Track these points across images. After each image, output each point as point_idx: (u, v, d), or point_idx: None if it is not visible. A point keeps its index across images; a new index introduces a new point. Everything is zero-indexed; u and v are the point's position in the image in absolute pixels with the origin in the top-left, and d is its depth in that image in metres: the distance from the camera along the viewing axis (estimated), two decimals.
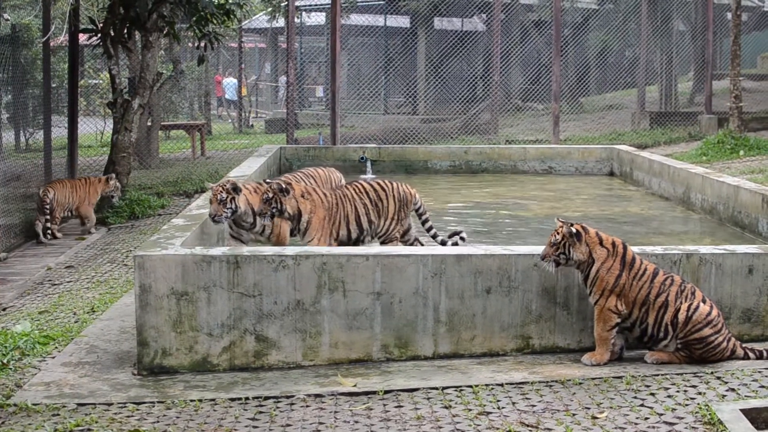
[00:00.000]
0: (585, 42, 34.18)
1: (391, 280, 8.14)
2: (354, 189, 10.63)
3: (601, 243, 8.02)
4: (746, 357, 7.94)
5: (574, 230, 7.95)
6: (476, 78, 31.42)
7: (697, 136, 27.01)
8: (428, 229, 11.03)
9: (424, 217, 11.02)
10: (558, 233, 7.96)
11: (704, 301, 7.89)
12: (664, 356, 7.90)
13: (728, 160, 22.00)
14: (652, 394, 7.03)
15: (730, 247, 8.98)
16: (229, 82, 43.63)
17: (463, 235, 10.98)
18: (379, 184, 10.81)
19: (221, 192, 9.60)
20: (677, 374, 7.52)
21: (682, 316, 7.78)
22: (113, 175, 16.36)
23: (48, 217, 15.07)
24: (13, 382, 7.75)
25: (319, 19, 37.36)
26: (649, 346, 8.04)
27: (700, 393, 7.01)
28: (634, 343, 8.13)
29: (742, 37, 25.42)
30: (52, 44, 19.99)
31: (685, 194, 14.81)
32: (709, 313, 7.81)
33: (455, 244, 10.76)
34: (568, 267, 8.07)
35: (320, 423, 6.68)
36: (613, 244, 8.06)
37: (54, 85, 22.62)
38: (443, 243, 10.82)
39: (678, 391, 7.07)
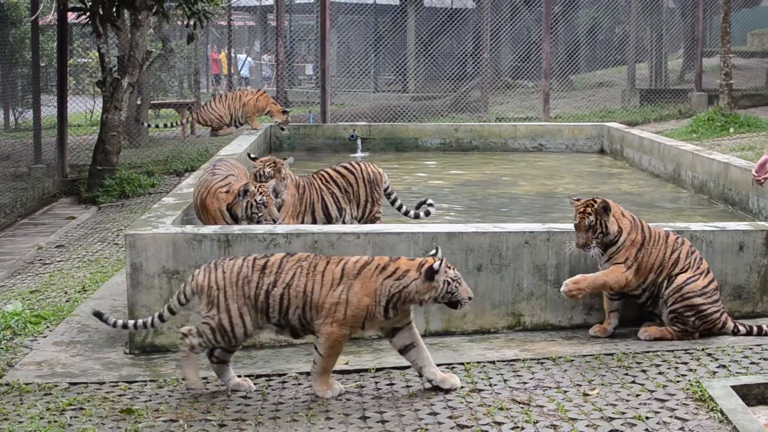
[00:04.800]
0: (575, 19, 34.13)
1: None
2: (320, 178, 10.57)
3: (623, 214, 8.00)
4: (736, 331, 7.98)
5: (604, 204, 7.91)
6: (466, 56, 31.37)
7: (687, 113, 27.03)
8: (398, 207, 10.97)
9: (393, 197, 10.95)
10: (588, 213, 7.88)
11: (707, 273, 7.97)
12: (657, 332, 7.93)
13: (718, 137, 22.01)
14: (644, 371, 7.05)
15: (720, 224, 9.00)
16: (242, 58, 43.64)
17: (431, 201, 10.93)
18: (346, 168, 10.76)
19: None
20: (668, 351, 7.55)
21: (680, 279, 7.85)
22: None
23: None
24: (4, 362, 7.76)
25: None
26: (650, 310, 8.08)
27: (691, 370, 7.03)
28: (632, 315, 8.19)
29: (732, 14, 25.37)
30: (40, 23, 19.96)
31: (675, 171, 14.82)
32: (707, 285, 7.88)
33: (427, 213, 10.73)
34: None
35: (312, 401, 6.69)
36: (631, 215, 8.06)
37: (43, 64, 22.58)
38: (416, 216, 10.74)
39: (669, 368, 7.10)
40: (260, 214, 9.17)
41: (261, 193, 9.20)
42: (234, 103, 18.20)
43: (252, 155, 10.82)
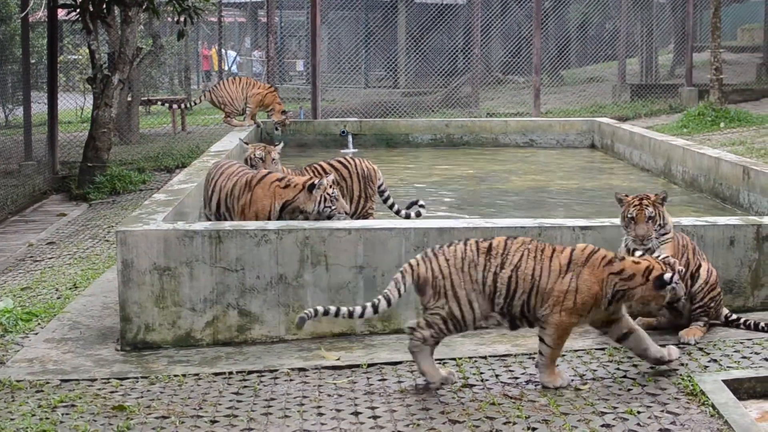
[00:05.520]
0: (565, 14, 34.14)
1: (373, 253, 8.15)
2: (313, 171, 10.54)
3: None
4: (728, 322, 8.02)
5: (664, 195, 7.91)
6: (457, 51, 31.35)
7: (677, 108, 27.05)
8: (390, 206, 10.93)
9: (386, 195, 10.92)
10: (645, 205, 7.80)
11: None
12: (699, 332, 7.80)
13: (709, 132, 22.04)
14: (635, 366, 7.05)
15: (711, 218, 9.02)
16: (232, 55, 43.60)
17: (422, 202, 10.91)
18: (340, 162, 10.74)
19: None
20: (660, 345, 7.55)
21: (703, 273, 7.88)
22: None
23: None
24: None
25: None
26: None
27: (682, 364, 7.04)
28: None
29: (722, 9, 25.39)
30: (30, 19, 19.90)
31: (666, 166, 14.84)
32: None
33: (418, 214, 10.70)
34: None
35: (304, 397, 6.69)
36: None
37: (33, 61, 22.53)
38: (407, 216, 10.70)
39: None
40: (333, 208, 8.94)
41: (331, 185, 9.04)
42: (248, 88, 18.15)
43: (245, 141, 10.85)
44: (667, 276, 6.62)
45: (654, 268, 6.68)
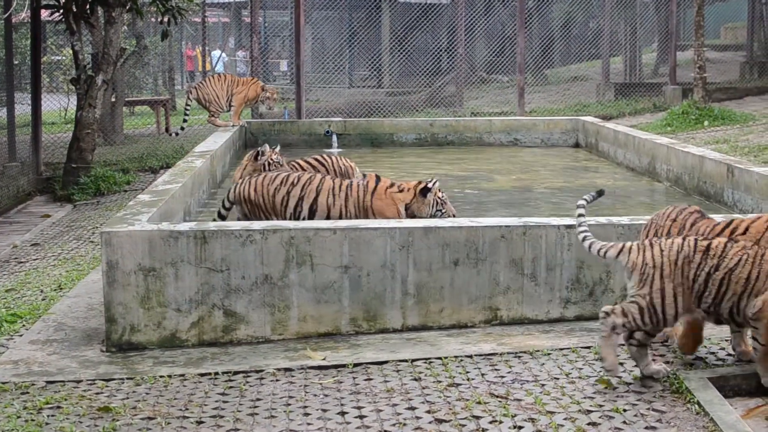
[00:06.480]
0: (549, 14, 34.18)
1: (358, 253, 8.15)
2: (291, 169, 10.58)
3: None
4: None
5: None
6: (441, 51, 31.33)
7: (661, 106, 27.10)
8: None
9: None
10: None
11: None
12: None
13: (693, 130, 22.09)
14: (621, 364, 7.06)
15: None
16: (216, 55, 43.53)
17: None
18: (317, 159, 10.79)
19: None
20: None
21: None
22: None
23: None
24: None
25: None
26: None
27: (668, 362, 7.05)
28: None
29: (706, 8, 25.45)
30: (13, 20, 19.83)
31: (650, 165, 14.88)
32: None
33: None
34: None
35: (290, 397, 6.69)
36: None
37: (16, 62, 22.44)
38: None
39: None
40: (443, 212, 9.53)
41: (440, 189, 9.60)
42: (233, 86, 18.17)
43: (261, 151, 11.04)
44: None
45: None
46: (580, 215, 7.13)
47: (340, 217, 9.63)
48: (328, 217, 9.63)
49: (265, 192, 9.80)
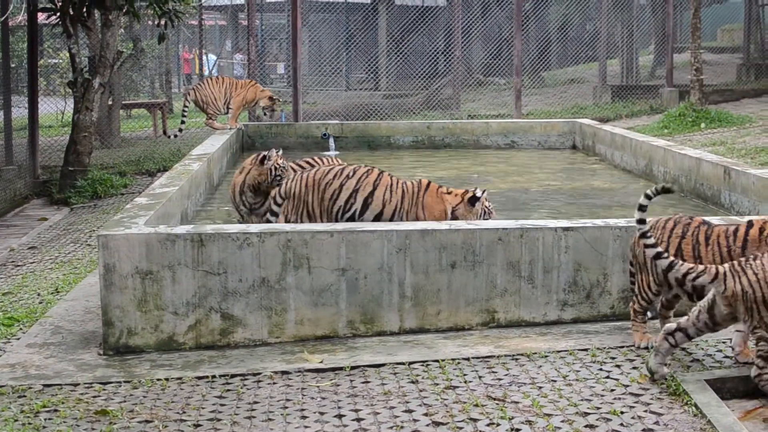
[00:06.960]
0: (546, 16, 34.22)
1: (356, 255, 8.14)
2: None
3: None
4: None
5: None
6: (438, 53, 31.37)
7: (658, 109, 27.12)
8: None
9: None
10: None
11: None
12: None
13: (689, 132, 22.10)
14: (618, 366, 7.07)
15: None
16: (213, 58, 43.59)
17: None
18: (308, 163, 10.81)
19: None
20: (643, 347, 7.56)
21: None
22: None
23: None
24: None
25: None
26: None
27: (666, 364, 7.05)
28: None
29: (702, 10, 25.49)
30: (10, 23, 19.84)
31: (647, 167, 14.88)
32: None
33: None
34: None
35: (287, 400, 6.68)
36: None
37: (13, 65, 22.48)
38: None
39: (643, 363, 7.11)
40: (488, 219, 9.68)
41: (487, 199, 9.83)
42: (231, 89, 18.21)
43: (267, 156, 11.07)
44: None
45: None
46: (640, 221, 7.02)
47: (393, 214, 9.72)
48: (381, 212, 9.70)
49: (315, 186, 9.80)
